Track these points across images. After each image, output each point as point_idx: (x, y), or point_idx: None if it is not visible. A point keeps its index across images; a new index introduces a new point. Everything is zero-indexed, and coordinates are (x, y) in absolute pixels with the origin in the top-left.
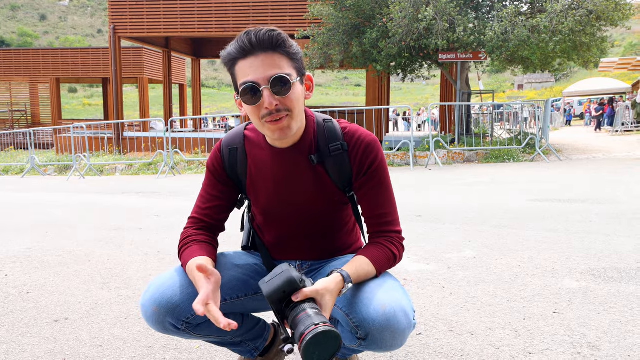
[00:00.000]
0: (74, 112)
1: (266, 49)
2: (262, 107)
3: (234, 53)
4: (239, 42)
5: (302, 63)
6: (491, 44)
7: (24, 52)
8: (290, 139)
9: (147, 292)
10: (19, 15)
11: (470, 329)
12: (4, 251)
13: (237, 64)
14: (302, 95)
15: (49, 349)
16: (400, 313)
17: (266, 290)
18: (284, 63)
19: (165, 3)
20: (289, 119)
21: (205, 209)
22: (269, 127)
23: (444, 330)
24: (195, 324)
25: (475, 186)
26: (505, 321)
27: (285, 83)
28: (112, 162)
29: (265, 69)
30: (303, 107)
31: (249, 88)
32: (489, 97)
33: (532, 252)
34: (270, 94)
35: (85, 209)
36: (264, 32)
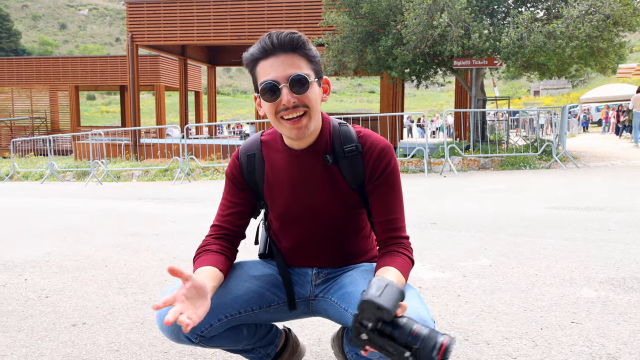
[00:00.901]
0: (92, 119)
1: (287, 50)
2: (280, 104)
3: (256, 54)
4: (261, 43)
5: (319, 66)
6: (507, 50)
7: (44, 61)
8: (307, 139)
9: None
10: (40, 24)
11: (486, 338)
12: (23, 256)
13: (259, 64)
14: (319, 96)
15: (67, 352)
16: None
17: (387, 304)
18: (303, 64)
19: (181, 12)
20: (307, 118)
21: (226, 215)
22: (286, 124)
23: (460, 339)
24: (208, 337)
25: (490, 193)
26: (522, 331)
27: (303, 83)
28: (128, 168)
29: (285, 69)
30: (320, 108)
31: (269, 86)
32: (504, 104)
33: (549, 261)
34: (289, 92)
35: (103, 214)
36: (285, 34)
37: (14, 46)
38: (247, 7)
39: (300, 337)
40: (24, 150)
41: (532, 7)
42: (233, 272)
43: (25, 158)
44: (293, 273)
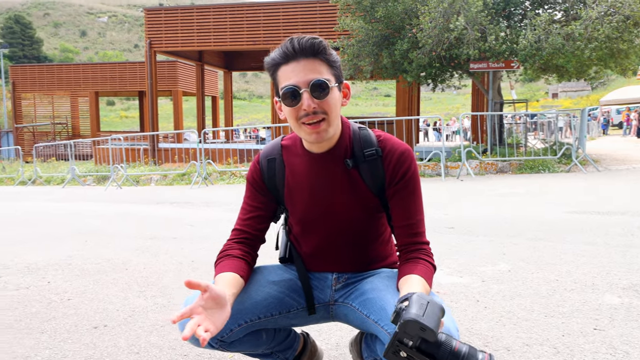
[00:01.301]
0: (112, 124)
1: (307, 55)
2: (301, 108)
3: (277, 59)
4: (283, 48)
5: (340, 71)
6: (524, 52)
7: (65, 67)
8: (326, 143)
9: (184, 306)
10: (61, 32)
11: (506, 345)
12: (46, 258)
13: (280, 69)
14: (339, 101)
15: (88, 354)
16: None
17: (431, 324)
18: (323, 69)
19: (198, 18)
20: (326, 124)
21: (247, 219)
22: (306, 129)
23: (479, 345)
24: (229, 342)
25: (509, 197)
26: (543, 337)
27: (324, 88)
28: (147, 172)
29: (306, 74)
30: (339, 113)
31: (290, 91)
32: (522, 107)
33: (570, 266)
34: (309, 97)
35: (122, 218)
36: (306, 39)
37: (36, 53)
38: (262, 13)
39: (318, 341)
40: (46, 155)
41: (549, 9)
42: (253, 277)
43: (47, 163)
44: (313, 278)
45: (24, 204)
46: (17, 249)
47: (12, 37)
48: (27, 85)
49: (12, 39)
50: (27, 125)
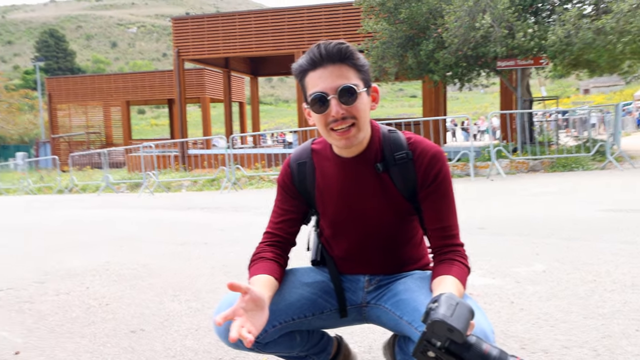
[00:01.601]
0: (143, 132)
1: (335, 61)
2: (329, 115)
3: (304, 65)
4: (310, 54)
5: (368, 75)
6: (553, 48)
7: (97, 78)
8: (356, 148)
9: (219, 308)
10: (93, 43)
11: (543, 347)
12: (85, 264)
13: (307, 75)
14: (367, 105)
15: (127, 358)
16: (480, 336)
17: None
18: (351, 74)
19: (224, 25)
20: (355, 129)
21: (278, 223)
22: (335, 136)
23: (516, 347)
24: (264, 343)
25: (541, 196)
26: (582, 339)
27: (352, 93)
28: (178, 178)
29: (333, 80)
30: (368, 117)
31: (317, 98)
32: (552, 104)
33: (608, 266)
34: (338, 103)
35: (155, 224)
36: (333, 45)
37: (69, 65)
38: (287, 18)
39: (350, 344)
40: (81, 164)
41: (578, 4)
42: (286, 279)
43: (82, 171)
44: (345, 280)
45: (62, 212)
46: (56, 255)
47: (47, 50)
48: (62, 96)
49: (47, 52)
50: (63, 135)
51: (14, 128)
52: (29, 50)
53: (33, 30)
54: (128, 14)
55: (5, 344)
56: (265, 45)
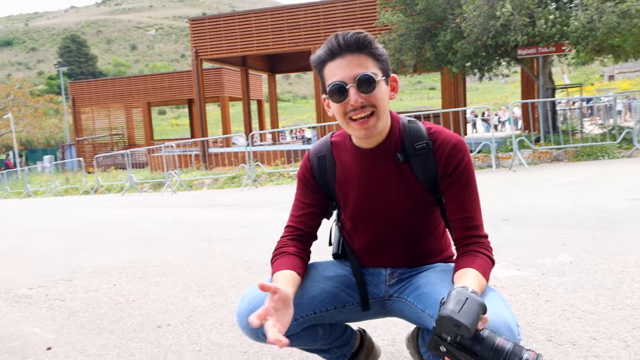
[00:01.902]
0: (164, 133)
1: (353, 50)
2: (348, 104)
3: (323, 56)
4: (328, 44)
5: (387, 64)
6: (576, 34)
7: (118, 81)
8: (376, 138)
9: (242, 302)
10: (113, 47)
11: (571, 339)
12: (111, 262)
13: (326, 66)
14: (386, 94)
15: (154, 353)
16: (504, 329)
17: (467, 321)
18: (369, 63)
19: (240, 24)
20: (375, 118)
21: (299, 216)
22: (354, 125)
23: (542, 339)
24: (286, 337)
25: (566, 186)
26: (610, 331)
27: (370, 82)
28: (199, 177)
29: (352, 69)
30: (387, 107)
31: (337, 88)
32: (576, 91)
33: (637, 256)
34: (356, 92)
35: (179, 222)
36: (351, 34)
37: (91, 69)
38: (302, 14)
39: (373, 337)
40: (105, 165)
41: None
42: (308, 273)
43: (107, 172)
44: (366, 273)
45: (88, 212)
46: (84, 254)
47: (70, 55)
48: (85, 99)
49: (69, 57)
50: (87, 137)
51: (40, 132)
52: (52, 56)
53: (55, 37)
54: (146, 16)
55: (38, 340)
56: (282, 42)
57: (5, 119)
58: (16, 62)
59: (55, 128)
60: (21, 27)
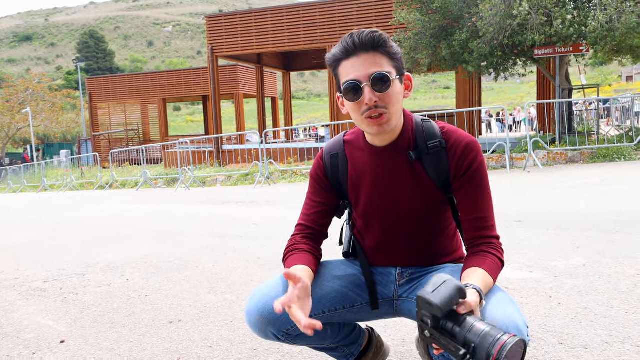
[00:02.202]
0: (179, 129)
1: (368, 49)
2: (363, 103)
3: (338, 54)
4: (343, 43)
5: (402, 63)
6: (594, 34)
7: (135, 77)
8: (389, 136)
9: (251, 300)
10: (131, 43)
11: (583, 342)
12: (124, 257)
13: (341, 65)
14: (400, 93)
15: (166, 348)
16: (513, 331)
17: (437, 301)
18: (384, 62)
19: (256, 21)
20: (388, 116)
21: (310, 214)
22: (368, 122)
23: (554, 342)
24: (294, 335)
25: (580, 188)
26: (624, 335)
27: (385, 81)
28: (213, 174)
29: (366, 68)
30: (401, 105)
31: (351, 86)
32: (593, 92)
33: None
34: (371, 91)
35: (192, 218)
36: (366, 33)
37: (109, 65)
38: (318, 12)
39: (383, 337)
40: (120, 161)
41: None
42: (317, 272)
43: (122, 167)
44: (376, 273)
45: (103, 207)
46: (98, 248)
47: (88, 51)
48: (102, 95)
49: (87, 52)
50: (103, 132)
51: (57, 127)
52: (70, 51)
53: (74, 32)
54: (164, 13)
55: (52, 333)
56: (297, 40)
57: (23, 113)
58: (35, 57)
59: (72, 123)
60: (41, 22)
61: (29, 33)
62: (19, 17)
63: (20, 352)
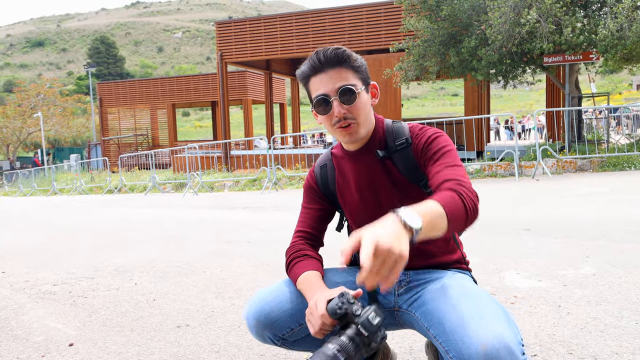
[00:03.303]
0: (187, 134)
1: (333, 65)
2: (333, 115)
3: (306, 71)
4: (310, 61)
5: (366, 74)
6: (604, 42)
7: (145, 82)
8: (360, 141)
9: (250, 304)
10: (141, 49)
11: (592, 353)
12: (133, 261)
13: (310, 81)
14: (367, 102)
15: (173, 352)
16: (504, 352)
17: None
18: (349, 75)
19: (265, 28)
20: (356, 125)
21: (307, 220)
22: (340, 132)
23: (563, 352)
24: (291, 341)
25: (590, 197)
26: (634, 345)
27: (351, 93)
28: (220, 179)
29: (333, 82)
30: (370, 113)
31: (321, 100)
32: (603, 100)
33: None
34: (339, 104)
35: (199, 223)
36: (330, 50)
37: (119, 70)
38: (328, 18)
39: (391, 344)
40: (129, 165)
41: None
42: None
43: (131, 172)
44: None
45: (112, 211)
46: (106, 252)
47: (99, 56)
48: (112, 100)
49: (98, 58)
50: (113, 137)
51: (68, 131)
52: (82, 57)
53: (86, 38)
54: (173, 19)
55: (60, 336)
56: (306, 47)
57: (35, 117)
58: (47, 62)
59: (83, 127)
60: (53, 28)
61: (41, 38)
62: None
63: (29, 354)
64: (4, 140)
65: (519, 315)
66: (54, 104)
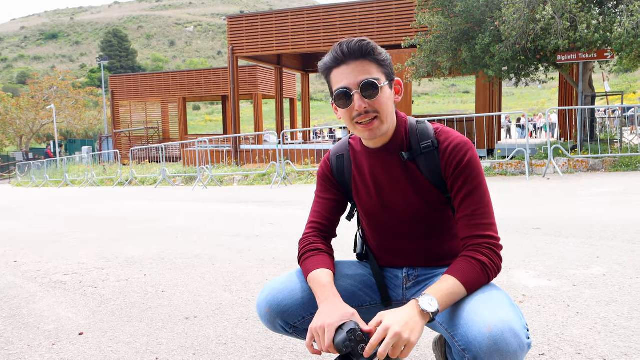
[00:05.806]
0: (197, 128)
1: (357, 57)
2: (353, 109)
3: (329, 63)
4: (333, 52)
5: (390, 69)
6: (619, 41)
7: (156, 76)
8: (381, 139)
9: (262, 293)
10: (153, 43)
11: (601, 353)
12: (143, 253)
13: (332, 73)
14: (390, 98)
15: (181, 343)
16: (509, 334)
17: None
18: (373, 69)
19: (277, 23)
20: (378, 121)
21: (321, 210)
22: (359, 128)
23: (571, 352)
24: (302, 329)
25: (602, 197)
26: None
27: (374, 87)
28: (230, 173)
29: (356, 75)
30: (392, 109)
31: (342, 93)
32: (616, 99)
33: None
34: (360, 98)
35: (209, 216)
36: (354, 42)
37: (131, 64)
38: (339, 14)
39: None
40: (140, 158)
41: None
42: None
43: (141, 165)
44: (385, 275)
45: (122, 203)
46: (117, 244)
47: (111, 49)
48: (124, 93)
49: (110, 51)
50: (124, 130)
51: (80, 123)
52: (94, 50)
53: (98, 31)
54: (186, 13)
55: (71, 325)
56: (317, 42)
57: (48, 109)
58: (60, 55)
59: (94, 120)
60: (67, 21)
61: (55, 31)
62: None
63: (40, 342)
64: (17, 131)
65: (527, 314)
66: (66, 96)
